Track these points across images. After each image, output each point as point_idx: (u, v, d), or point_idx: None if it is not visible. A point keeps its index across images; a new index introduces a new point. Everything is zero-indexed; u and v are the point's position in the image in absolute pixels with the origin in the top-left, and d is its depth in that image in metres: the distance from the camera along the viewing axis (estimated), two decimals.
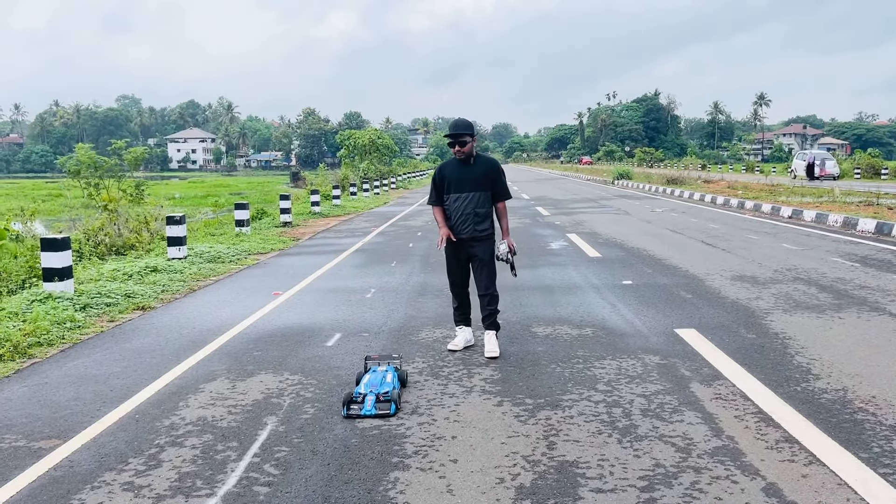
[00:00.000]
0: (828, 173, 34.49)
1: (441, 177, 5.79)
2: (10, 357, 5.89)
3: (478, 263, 5.78)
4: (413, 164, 66.76)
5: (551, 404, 4.50)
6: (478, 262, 5.77)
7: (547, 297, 7.85)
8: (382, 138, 41.28)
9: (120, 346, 6.26)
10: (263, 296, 8.43)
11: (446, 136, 5.69)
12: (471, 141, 5.63)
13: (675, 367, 5.19)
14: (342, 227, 16.86)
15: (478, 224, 5.67)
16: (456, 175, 5.71)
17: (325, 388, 4.94)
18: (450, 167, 5.81)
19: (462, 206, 5.65)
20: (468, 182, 5.66)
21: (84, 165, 14.73)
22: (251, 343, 6.22)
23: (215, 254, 11.76)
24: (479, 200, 5.66)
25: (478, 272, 5.80)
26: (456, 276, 5.91)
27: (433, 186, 5.86)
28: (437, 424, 4.22)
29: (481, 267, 5.77)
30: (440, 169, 5.88)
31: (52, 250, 8.02)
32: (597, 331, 6.32)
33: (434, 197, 5.84)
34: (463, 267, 5.87)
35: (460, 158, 5.69)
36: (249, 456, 3.83)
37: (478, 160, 5.76)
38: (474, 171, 5.70)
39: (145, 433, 4.21)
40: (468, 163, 5.71)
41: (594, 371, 5.16)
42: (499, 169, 5.84)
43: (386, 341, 6.18)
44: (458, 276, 5.90)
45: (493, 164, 5.84)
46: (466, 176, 5.67)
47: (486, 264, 5.77)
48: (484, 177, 5.70)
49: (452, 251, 5.83)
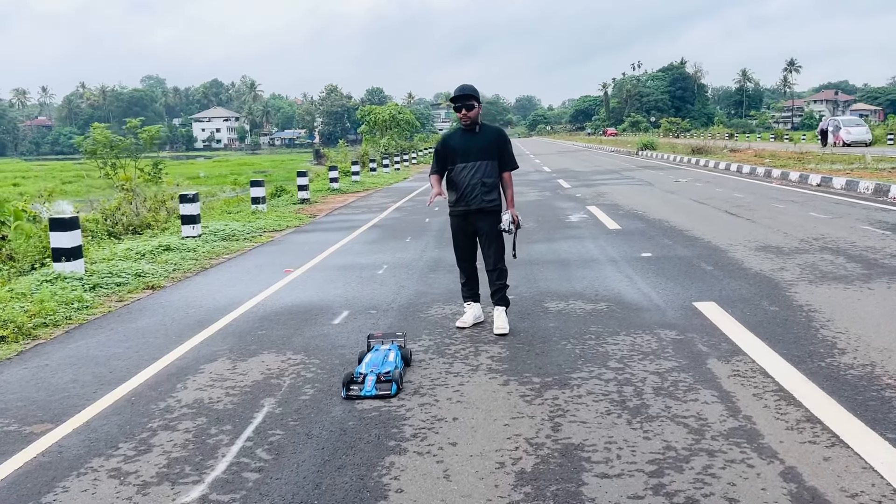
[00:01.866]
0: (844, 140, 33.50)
1: (445, 146, 5.57)
2: (14, 338, 5.82)
3: (485, 237, 5.57)
4: (435, 138, 65.96)
5: (559, 383, 4.30)
6: (485, 235, 5.56)
7: (562, 271, 7.62)
8: (403, 113, 40.95)
9: (125, 327, 6.17)
10: (274, 273, 8.31)
11: (451, 100, 5.46)
12: (477, 106, 5.42)
13: (692, 343, 4.96)
14: (359, 204, 16.70)
15: (485, 194, 5.44)
16: (462, 144, 5.48)
17: (326, 368, 4.79)
18: (455, 136, 5.60)
19: (468, 175, 5.43)
20: (474, 151, 5.43)
21: (100, 145, 14.67)
22: (257, 322, 6.10)
23: (230, 231, 11.67)
24: (486, 170, 5.43)
25: (485, 246, 5.59)
26: (463, 250, 5.70)
27: (436, 156, 5.65)
28: (438, 405, 4.05)
29: (489, 241, 5.56)
30: (444, 139, 5.68)
31: (61, 230, 7.95)
32: (611, 305, 6.09)
33: (436, 167, 5.63)
34: (470, 241, 5.67)
35: (465, 126, 5.47)
36: (242, 440, 3.70)
37: (483, 129, 5.54)
38: (480, 139, 5.48)
39: (139, 416, 4.09)
40: (473, 131, 5.49)
41: (606, 347, 4.94)
42: (505, 137, 5.64)
43: (394, 318, 6.01)
44: (465, 250, 5.70)
45: (499, 133, 5.65)
46: (472, 144, 5.45)
47: (494, 238, 5.57)
48: (490, 145, 5.48)
49: (459, 224, 5.63)
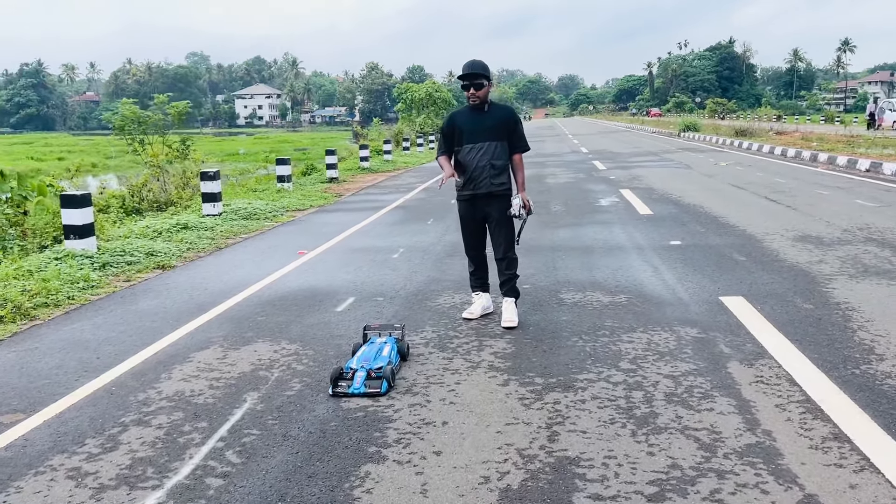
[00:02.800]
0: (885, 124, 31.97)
1: (452, 125, 5.21)
2: (12, 319, 5.68)
3: (494, 223, 5.22)
4: None
5: (563, 385, 3.96)
6: (494, 221, 5.21)
7: (584, 259, 7.24)
8: (440, 91, 40.44)
9: (124, 309, 5.99)
10: (288, 255, 8.08)
11: (460, 77, 5.11)
12: (487, 84, 5.05)
13: (714, 343, 4.57)
14: (388, 183, 16.42)
15: (494, 177, 5.09)
16: (469, 123, 5.12)
17: (319, 361, 4.52)
18: (462, 115, 5.23)
19: (476, 157, 5.07)
20: (483, 131, 5.08)
21: (128, 121, 14.61)
22: (258, 307, 5.86)
23: (252, 210, 11.49)
24: (495, 151, 5.08)
25: (494, 233, 5.25)
26: (471, 236, 5.36)
27: (442, 136, 5.31)
28: (429, 407, 3.75)
29: (498, 227, 5.22)
30: (451, 117, 5.30)
31: (72, 207, 7.81)
32: (631, 298, 5.71)
33: (443, 148, 5.29)
34: (479, 227, 5.32)
35: (474, 105, 5.09)
36: (215, 440, 3.45)
37: (493, 108, 5.18)
38: (489, 119, 5.11)
39: (114, 409, 3.87)
40: (482, 110, 5.11)
41: (620, 346, 4.58)
42: (516, 117, 5.28)
43: (399, 307, 5.72)
44: (474, 237, 5.35)
45: (509, 112, 5.30)
46: (481, 124, 5.08)
47: (504, 224, 5.21)
48: (500, 125, 5.12)
49: (466, 209, 5.28)
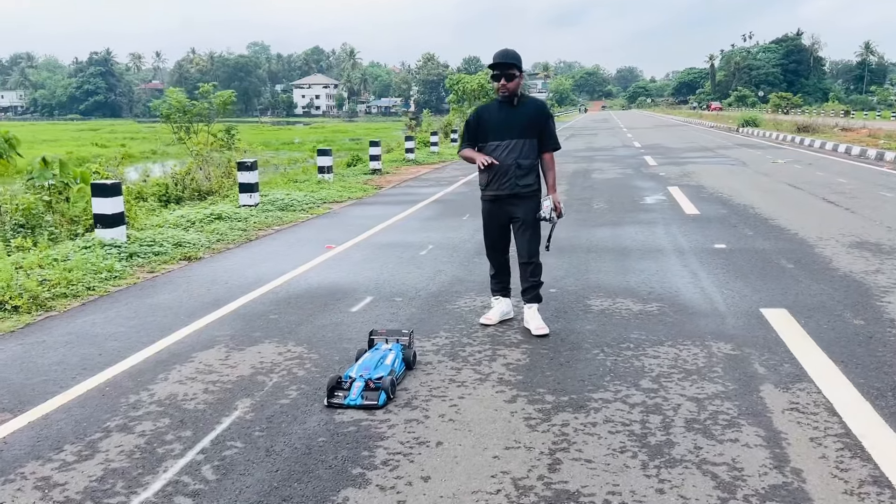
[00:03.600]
0: None
1: (478, 120, 4.88)
2: (27, 309, 5.62)
3: (519, 225, 4.89)
4: None
5: (575, 405, 3.65)
6: (519, 223, 4.88)
7: (619, 262, 6.86)
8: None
9: (140, 302, 5.88)
10: (315, 249, 7.90)
11: (490, 66, 4.72)
12: (518, 76, 4.68)
13: (748, 361, 4.18)
14: (430, 176, 16.17)
15: (520, 178, 4.76)
16: (497, 119, 4.79)
17: (322, 366, 4.30)
18: (489, 110, 4.91)
19: (502, 155, 4.74)
20: (511, 127, 4.74)
21: (174, 110, 14.68)
22: (273, 304, 5.68)
23: (289, 201, 11.39)
24: (522, 149, 4.75)
25: (519, 236, 4.93)
26: (494, 239, 5.05)
27: (466, 131, 4.98)
28: (426, 423, 3.48)
29: (523, 230, 4.89)
30: (477, 112, 4.97)
31: (102, 196, 7.77)
32: (664, 307, 5.33)
33: (468, 141, 4.97)
34: (503, 229, 5.01)
35: (503, 98, 4.76)
36: (195, 451, 3.25)
37: (523, 102, 4.83)
38: (519, 114, 4.77)
39: (102, 412, 3.71)
40: (512, 104, 4.77)
41: (644, 361, 4.23)
42: (548, 113, 4.92)
43: (417, 309, 5.46)
44: (497, 238, 5.05)
45: (541, 107, 4.92)
46: (509, 120, 4.75)
47: (529, 227, 4.88)
48: (530, 121, 4.78)
49: (490, 210, 4.98)
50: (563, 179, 14.65)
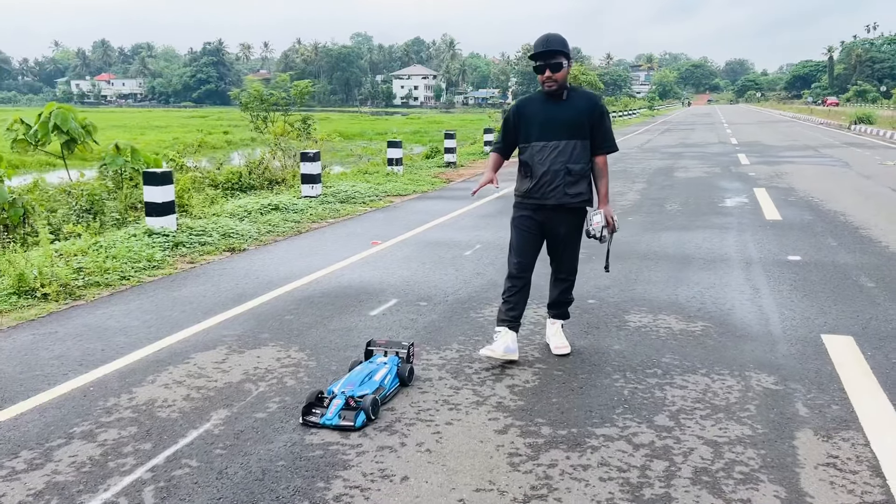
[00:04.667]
0: None
1: (518, 116, 4.14)
2: (56, 297, 5.62)
3: (561, 242, 4.23)
4: (623, 102, 62.80)
5: (572, 441, 3.21)
6: (562, 240, 4.21)
7: (674, 272, 6.27)
8: (586, 74, 38.83)
9: (165, 295, 5.78)
10: (360, 245, 7.67)
11: (532, 57, 4.01)
12: (566, 65, 3.98)
13: (790, 399, 3.62)
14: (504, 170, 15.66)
15: (570, 186, 4.04)
16: (542, 115, 4.07)
17: (316, 376, 4.02)
18: (533, 104, 4.15)
19: (549, 158, 4.04)
20: (559, 125, 4.03)
21: (252, 99, 14.82)
22: (294, 303, 5.45)
23: (351, 193, 11.25)
24: (572, 152, 4.03)
25: (559, 252, 4.28)
26: (524, 255, 4.23)
27: (504, 128, 4.29)
28: (399, 453, 3.13)
29: (566, 246, 4.25)
30: (518, 106, 4.20)
31: (153, 184, 7.80)
32: (710, 327, 4.77)
33: (501, 143, 4.29)
34: (536, 243, 4.25)
35: (549, 91, 4.03)
36: (145, 468, 3.02)
37: (573, 95, 4.09)
38: (569, 110, 4.04)
39: (74, 415, 3.56)
40: (559, 98, 4.05)
41: (667, 392, 3.73)
42: (602, 108, 4.15)
43: (438, 316, 5.11)
44: (528, 256, 4.24)
45: (594, 101, 4.15)
46: (557, 116, 4.03)
47: (571, 244, 4.25)
48: (581, 118, 4.04)
49: (526, 221, 4.21)
50: (643, 177, 13.92)
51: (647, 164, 16.83)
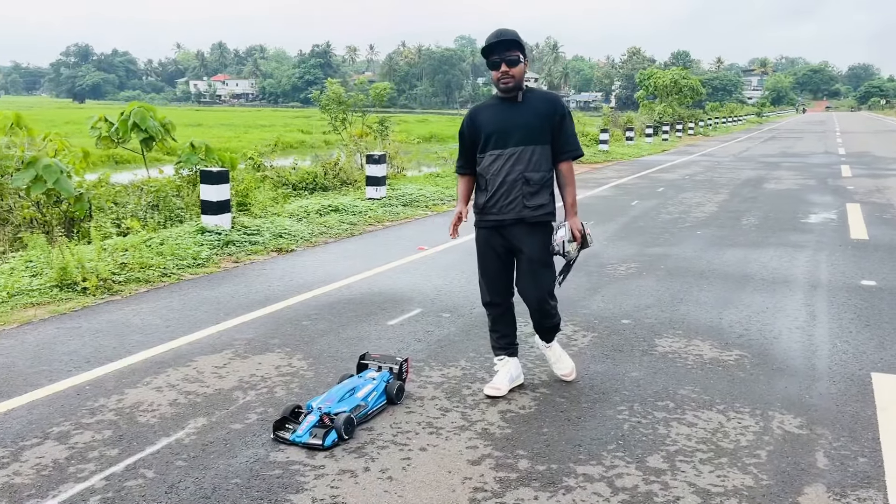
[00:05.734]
0: None
1: (473, 125, 3.73)
2: (94, 292, 5.76)
3: (525, 263, 3.72)
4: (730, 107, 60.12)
5: (546, 479, 2.94)
6: (525, 260, 3.71)
7: (726, 293, 5.81)
8: (687, 79, 37.45)
9: (196, 294, 5.82)
10: (406, 250, 7.54)
11: (484, 50, 3.58)
12: (522, 62, 3.59)
13: (812, 446, 3.20)
14: (580, 177, 15.18)
15: (529, 197, 3.62)
16: (496, 121, 3.65)
17: (308, 388, 3.89)
18: (487, 110, 3.74)
19: (505, 167, 3.62)
20: (515, 130, 3.61)
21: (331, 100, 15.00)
22: (316, 309, 5.37)
23: (417, 196, 11.17)
24: (531, 159, 3.61)
25: (524, 274, 3.75)
26: (492, 278, 3.81)
27: (460, 143, 3.83)
28: (358, 480, 2.95)
29: (530, 268, 3.71)
30: (471, 115, 3.78)
31: (208, 183, 7.93)
32: (745, 357, 4.34)
33: (461, 160, 3.85)
34: (503, 266, 3.80)
35: (505, 89, 3.60)
36: (100, 476, 2.96)
37: (530, 97, 3.67)
38: (524, 112, 3.63)
39: (58, 414, 3.56)
40: (514, 100, 3.65)
41: (672, 428, 3.39)
42: (563, 109, 3.69)
43: (456, 328, 4.90)
44: (496, 279, 3.81)
45: (553, 101, 3.71)
46: (513, 120, 3.62)
47: (538, 264, 3.70)
48: (540, 120, 3.63)
49: (487, 241, 3.78)
50: (727, 188, 13.18)
51: (738, 174, 15.95)
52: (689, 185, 13.78)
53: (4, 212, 8.24)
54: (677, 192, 12.52)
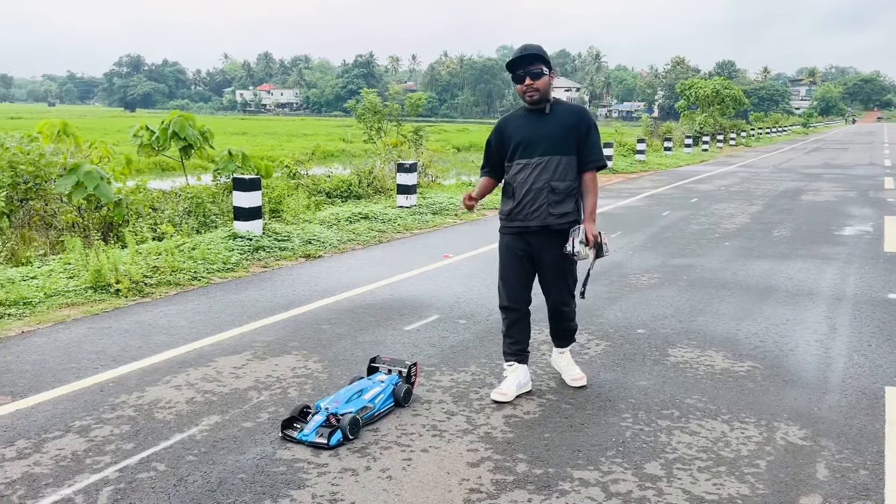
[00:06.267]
0: None
1: (501, 135, 3.90)
2: (126, 294, 5.97)
3: (548, 269, 3.88)
4: (774, 118, 59.08)
5: (541, 483, 2.99)
6: (548, 266, 3.87)
7: (747, 304, 5.77)
8: (729, 89, 36.95)
9: (224, 297, 5.99)
10: (431, 257, 7.64)
11: (509, 65, 3.75)
12: (548, 75, 3.73)
13: (814, 458, 3.20)
14: (616, 186, 15.14)
15: (555, 205, 3.75)
16: (524, 131, 3.80)
17: (321, 390, 4.00)
18: (515, 120, 3.90)
19: (531, 176, 3.76)
20: (542, 141, 3.75)
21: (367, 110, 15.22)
22: (336, 314, 5.49)
23: (446, 205, 11.27)
24: (557, 169, 3.74)
25: (548, 281, 3.93)
26: (512, 286, 3.94)
27: (486, 150, 4.01)
28: (359, 478, 3.04)
29: (554, 274, 3.89)
30: (499, 125, 3.96)
31: (241, 190, 8.14)
32: (757, 368, 4.33)
33: (486, 166, 4.01)
34: (525, 272, 3.93)
35: (531, 103, 3.77)
36: (114, 468, 3.10)
37: (558, 108, 3.83)
38: (552, 123, 3.77)
39: (81, 409, 3.73)
40: (542, 112, 3.80)
41: (674, 436, 3.41)
42: (589, 121, 3.84)
43: (471, 335, 4.97)
44: (516, 286, 3.93)
45: (579, 113, 3.86)
46: (540, 131, 3.77)
47: (560, 269, 3.87)
48: (566, 132, 3.76)
49: (511, 246, 3.92)
50: (763, 199, 13.01)
51: (775, 185, 15.72)
52: (724, 195, 13.64)
53: (49, 216, 8.57)
54: (710, 203, 12.41)
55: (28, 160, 8.04)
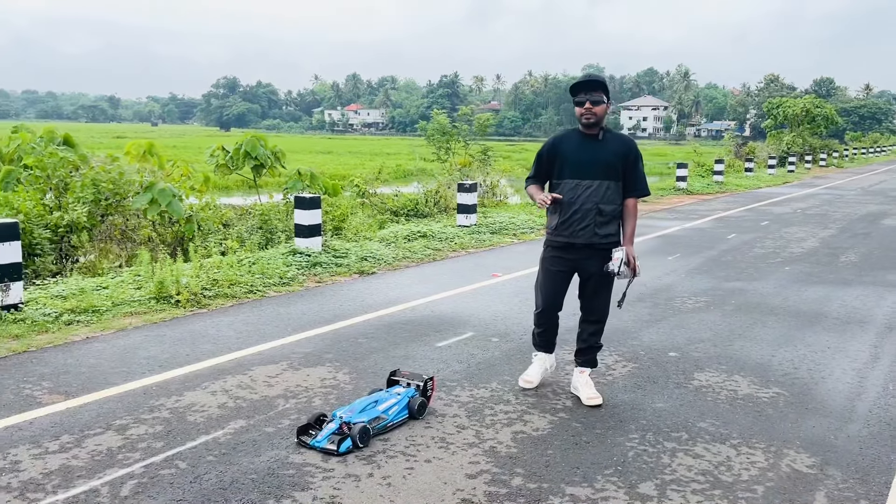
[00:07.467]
0: None
1: (554, 151, 4.19)
2: (185, 304, 6.36)
3: (592, 282, 4.20)
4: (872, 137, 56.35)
5: (534, 497, 3.08)
6: (592, 280, 4.19)
7: (791, 330, 5.65)
8: (821, 107, 35.56)
9: (273, 310, 6.30)
10: (480, 276, 7.78)
11: (572, 89, 4.08)
12: (606, 103, 4.02)
13: (814, 486, 3.16)
14: (686, 208, 14.88)
15: (601, 226, 4.06)
16: (578, 153, 4.10)
17: (345, 399, 4.20)
18: (570, 141, 4.18)
19: (581, 196, 4.06)
20: (594, 165, 4.05)
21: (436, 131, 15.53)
22: (374, 329, 5.70)
23: (507, 224, 11.40)
24: (605, 193, 4.05)
25: (589, 294, 4.25)
26: (550, 294, 4.30)
27: (537, 162, 4.30)
28: (360, 484, 3.21)
29: (596, 288, 4.21)
30: (554, 141, 4.25)
31: (301, 208, 8.52)
32: (782, 395, 4.27)
33: (535, 176, 4.32)
34: (564, 282, 4.30)
35: (587, 128, 4.07)
36: (141, 464, 3.37)
37: (609, 137, 4.13)
38: (604, 150, 4.07)
39: (124, 409, 4.05)
40: (596, 138, 4.09)
41: (677, 459, 3.43)
42: (637, 152, 4.17)
43: (501, 353, 5.08)
44: (557, 294, 4.30)
45: (629, 144, 4.18)
46: (594, 156, 4.06)
47: (604, 285, 4.21)
48: (616, 159, 4.06)
49: (556, 258, 4.25)
50: (839, 223, 12.55)
51: (857, 208, 15.10)
52: (798, 219, 13.22)
53: (130, 230, 9.18)
54: (781, 227, 12.06)
55: (109, 178, 8.65)
